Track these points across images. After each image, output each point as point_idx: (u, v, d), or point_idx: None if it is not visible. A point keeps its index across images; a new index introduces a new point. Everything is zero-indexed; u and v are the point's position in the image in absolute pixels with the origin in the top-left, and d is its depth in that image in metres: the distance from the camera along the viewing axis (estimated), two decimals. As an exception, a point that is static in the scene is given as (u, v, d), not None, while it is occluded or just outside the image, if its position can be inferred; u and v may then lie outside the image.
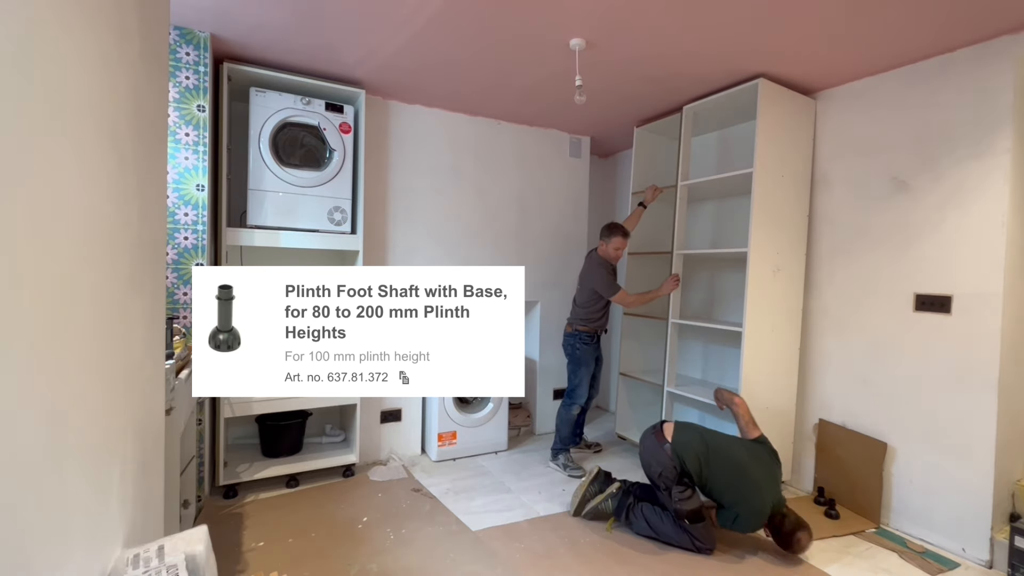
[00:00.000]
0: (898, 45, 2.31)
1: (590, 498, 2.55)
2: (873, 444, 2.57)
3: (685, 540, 2.25)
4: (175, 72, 2.39)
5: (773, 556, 2.24)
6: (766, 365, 2.76)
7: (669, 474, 2.27)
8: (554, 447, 3.24)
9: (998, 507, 2.22)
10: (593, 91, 2.93)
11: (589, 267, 3.17)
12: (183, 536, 1.10)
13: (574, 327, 3.22)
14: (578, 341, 3.19)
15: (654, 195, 3.29)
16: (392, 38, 2.39)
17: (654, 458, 2.34)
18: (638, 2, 2.02)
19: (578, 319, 3.20)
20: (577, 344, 3.19)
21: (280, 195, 2.72)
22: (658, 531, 2.32)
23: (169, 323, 1.83)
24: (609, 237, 3.07)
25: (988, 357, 2.21)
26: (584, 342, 3.19)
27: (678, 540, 2.27)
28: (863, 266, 2.67)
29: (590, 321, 3.18)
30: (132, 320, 1.12)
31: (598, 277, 3.07)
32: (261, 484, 2.78)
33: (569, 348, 3.23)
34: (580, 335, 3.19)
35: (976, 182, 2.26)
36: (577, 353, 3.19)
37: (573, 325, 3.23)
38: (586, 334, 3.19)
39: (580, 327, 3.19)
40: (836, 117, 2.80)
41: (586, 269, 3.20)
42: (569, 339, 3.24)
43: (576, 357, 3.20)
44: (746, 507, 2.18)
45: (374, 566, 2.09)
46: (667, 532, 2.30)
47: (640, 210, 3.32)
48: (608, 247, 3.08)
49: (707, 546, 2.23)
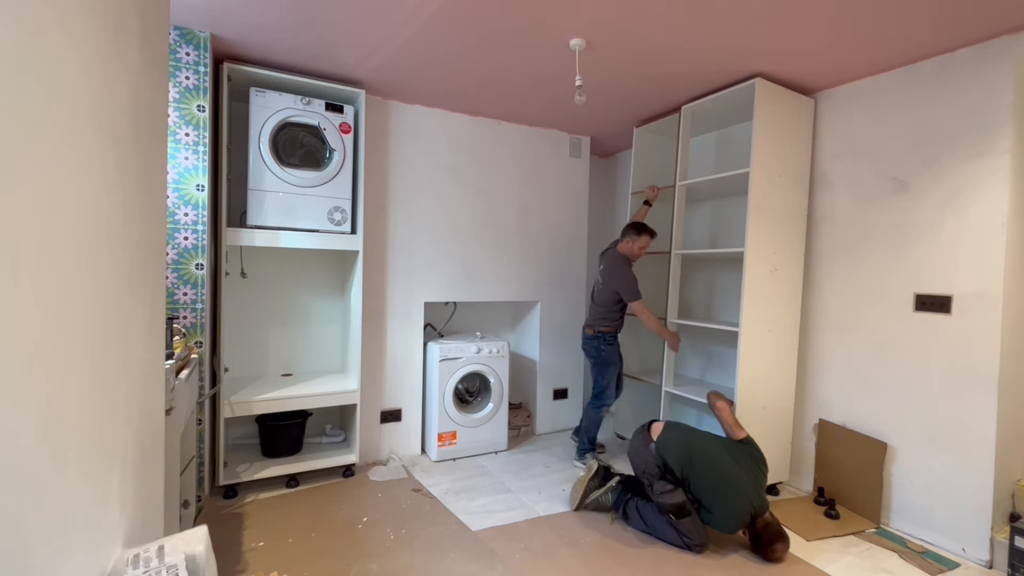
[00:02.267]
0: (898, 45, 2.31)
1: (591, 491, 2.59)
2: (873, 444, 2.57)
3: (673, 536, 2.27)
4: (175, 72, 2.39)
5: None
6: (764, 365, 2.76)
7: (652, 471, 2.34)
8: (581, 447, 3.26)
9: (998, 507, 2.22)
10: (593, 91, 2.94)
11: (614, 267, 3.11)
12: (183, 536, 1.10)
13: (596, 329, 3.17)
14: (602, 343, 3.15)
15: (655, 193, 3.31)
16: (392, 38, 2.39)
17: (639, 456, 2.42)
18: (638, 2, 2.02)
19: (600, 320, 3.16)
20: (602, 346, 3.15)
21: (280, 195, 2.72)
22: (651, 526, 2.36)
23: (169, 323, 1.83)
24: (638, 235, 3.08)
25: (988, 357, 2.21)
26: (608, 343, 3.15)
27: (668, 536, 2.29)
28: (863, 266, 2.67)
29: (612, 321, 3.15)
30: (132, 320, 1.12)
31: (625, 277, 3.04)
32: (261, 484, 2.79)
33: (594, 351, 3.18)
34: (604, 336, 3.15)
35: (976, 182, 2.26)
36: (603, 355, 3.15)
37: (595, 327, 3.18)
38: (610, 335, 3.16)
39: (603, 328, 3.15)
40: (836, 117, 2.80)
41: (610, 269, 3.13)
42: (592, 341, 3.18)
43: (603, 359, 3.16)
44: (723, 507, 2.20)
45: (374, 566, 2.09)
46: (659, 527, 2.32)
47: (646, 208, 3.32)
48: (634, 245, 3.09)
49: (695, 542, 2.23)
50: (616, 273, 3.08)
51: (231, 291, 2.93)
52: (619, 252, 3.15)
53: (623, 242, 3.14)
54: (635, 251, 3.10)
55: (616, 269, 3.09)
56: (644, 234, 3.08)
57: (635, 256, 3.12)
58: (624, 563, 2.18)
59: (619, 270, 3.07)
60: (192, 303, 2.46)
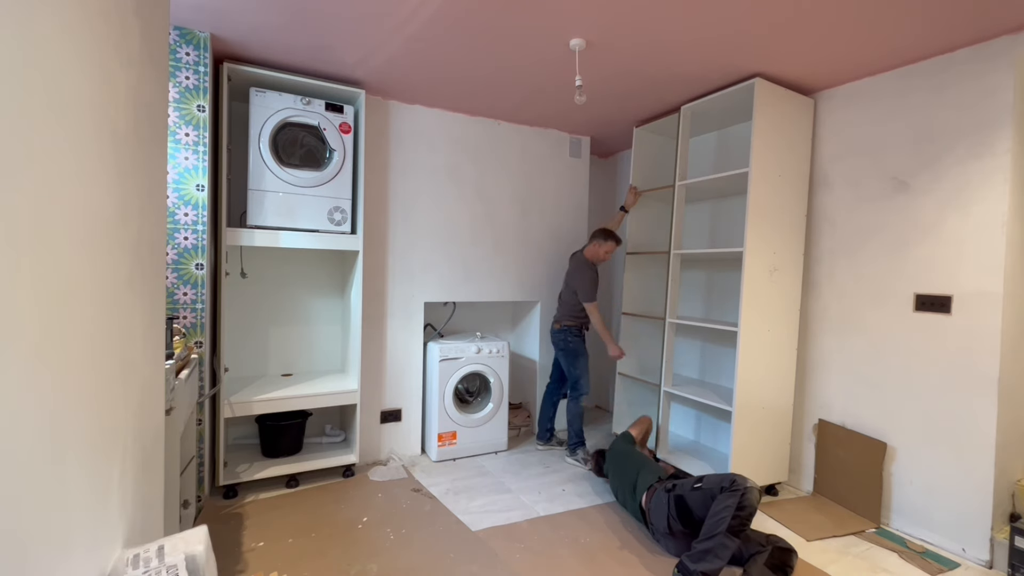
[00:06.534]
0: (898, 45, 2.31)
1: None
2: (873, 444, 2.57)
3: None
4: (175, 72, 2.39)
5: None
6: (763, 365, 2.76)
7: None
8: (570, 443, 3.35)
9: (998, 507, 2.22)
10: (593, 91, 2.94)
11: (577, 267, 3.33)
12: (183, 536, 1.10)
13: (562, 323, 3.37)
14: (568, 335, 3.35)
15: (635, 199, 3.43)
16: (392, 38, 2.39)
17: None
18: (638, 2, 2.02)
19: (566, 315, 3.36)
20: (568, 338, 3.35)
21: (280, 195, 2.72)
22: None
23: (169, 323, 1.83)
24: (605, 240, 3.27)
25: (988, 357, 2.21)
26: (575, 334, 3.35)
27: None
28: (863, 266, 2.67)
29: (576, 317, 3.34)
30: (132, 320, 1.12)
31: (586, 279, 3.25)
32: (261, 484, 2.79)
33: (562, 343, 3.37)
34: (569, 329, 3.36)
35: (976, 182, 2.26)
36: (571, 345, 3.34)
37: (561, 322, 3.38)
38: (575, 328, 3.35)
39: (568, 323, 3.36)
40: (836, 117, 2.80)
41: (574, 269, 3.36)
42: (560, 335, 3.37)
43: (571, 349, 3.34)
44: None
45: (374, 566, 2.09)
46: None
47: (622, 215, 3.48)
48: (600, 249, 3.29)
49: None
50: (578, 274, 3.29)
51: (231, 291, 2.93)
52: (585, 256, 3.32)
53: (590, 246, 3.33)
54: (600, 255, 3.29)
55: (579, 271, 3.29)
56: (610, 240, 3.27)
57: (600, 260, 3.31)
58: (625, 563, 2.18)
59: (582, 272, 3.27)
60: (192, 303, 2.46)
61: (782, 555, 2.09)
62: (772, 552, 2.08)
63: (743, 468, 2.67)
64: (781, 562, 2.07)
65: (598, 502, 2.73)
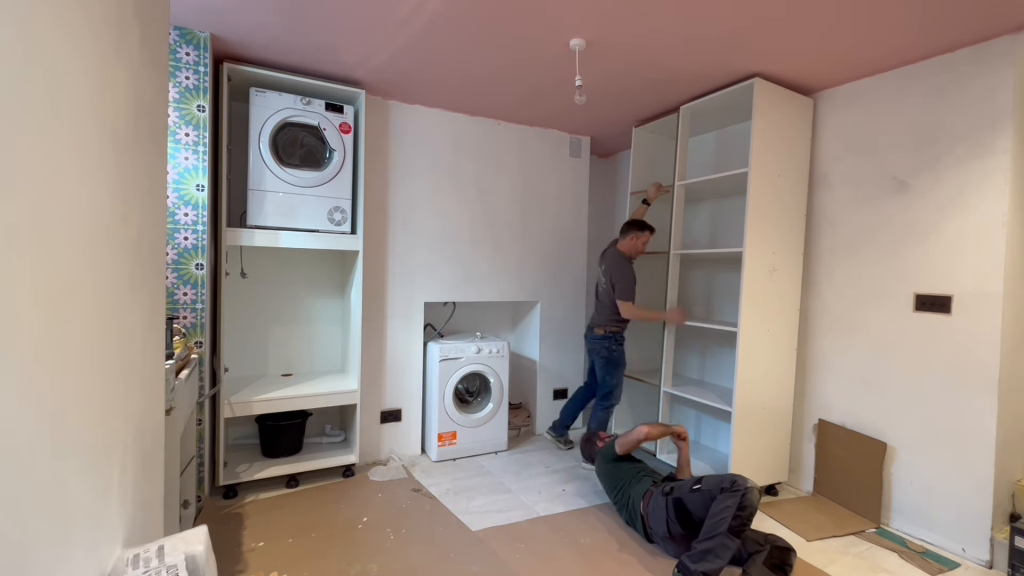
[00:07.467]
0: (898, 45, 2.31)
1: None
2: (873, 444, 2.57)
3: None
4: (175, 72, 2.39)
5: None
6: (763, 365, 2.76)
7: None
8: (563, 423, 3.49)
9: (998, 507, 2.22)
10: (593, 91, 2.94)
11: (615, 264, 3.12)
12: (183, 536, 1.10)
13: (606, 329, 3.14)
14: (613, 343, 3.13)
15: (657, 192, 3.28)
16: (392, 38, 2.39)
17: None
18: (638, 2, 2.02)
19: (610, 320, 3.13)
20: (612, 346, 3.13)
21: (280, 195, 2.72)
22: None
23: (169, 323, 1.83)
24: (641, 231, 3.11)
25: (988, 357, 2.21)
26: (619, 343, 3.15)
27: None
28: (863, 266, 2.67)
29: (620, 322, 3.14)
30: (132, 320, 1.12)
31: (627, 275, 3.06)
32: (261, 484, 2.79)
33: (605, 351, 3.15)
34: (614, 336, 3.14)
35: (976, 182, 2.26)
36: (615, 355, 3.14)
37: (605, 327, 3.14)
38: (620, 335, 3.15)
39: (613, 328, 3.13)
40: (836, 117, 2.80)
41: (614, 266, 3.12)
42: (603, 342, 3.15)
43: (614, 359, 3.14)
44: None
45: (374, 566, 2.09)
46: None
47: (644, 208, 3.32)
48: (638, 241, 3.12)
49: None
50: (619, 272, 3.09)
51: (231, 291, 2.93)
52: (620, 250, 3.17)
53: (625, 240, 3.15)
54: (639, 247, 3.14)
55: (619, 268, 3.10)
56: (646, 230, 3.13)
57: (637, 253, 3.16)
58: (624, 564, 2.18)
59: (622, 268, 3.09)
60: (192, 303, 2.46)
61: (781, 554, 2.09)
62: (771, 551, 2.08)
63: (743, 468, 2.67)
64: (780, 561, 2.07)
65: (598, 502, 2.73)
